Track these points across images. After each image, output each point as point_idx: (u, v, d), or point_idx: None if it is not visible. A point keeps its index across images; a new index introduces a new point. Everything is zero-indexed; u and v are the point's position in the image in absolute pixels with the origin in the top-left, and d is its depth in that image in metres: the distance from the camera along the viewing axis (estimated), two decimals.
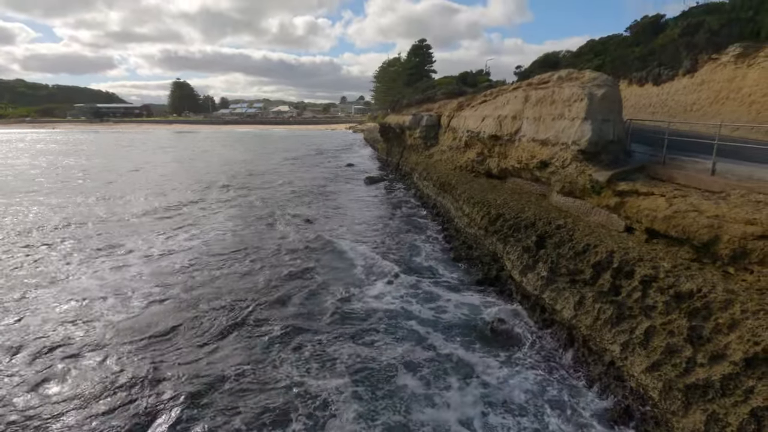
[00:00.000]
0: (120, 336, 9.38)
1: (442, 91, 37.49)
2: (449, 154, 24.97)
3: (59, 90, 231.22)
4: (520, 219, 12.96)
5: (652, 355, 6.70)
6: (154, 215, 20.46)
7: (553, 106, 13.96)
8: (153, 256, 14.51)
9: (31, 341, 9.13)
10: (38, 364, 8.36)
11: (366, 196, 26.17)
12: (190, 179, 32.24)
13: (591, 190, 11.49)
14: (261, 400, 7.36)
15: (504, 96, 18.69)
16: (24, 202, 23.09)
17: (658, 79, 24.80)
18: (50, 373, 8.09)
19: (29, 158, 47.48)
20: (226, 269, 13.43)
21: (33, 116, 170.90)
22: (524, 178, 16.20)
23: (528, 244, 11.38)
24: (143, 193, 26.00)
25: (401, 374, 8.22)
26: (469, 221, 16.08)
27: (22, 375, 8.00)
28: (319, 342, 9.31)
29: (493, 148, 18.42)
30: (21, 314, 10.32)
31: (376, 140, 53.12)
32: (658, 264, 8.07)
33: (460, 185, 19.20)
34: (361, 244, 16.20)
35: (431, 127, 29.39)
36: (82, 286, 12.04)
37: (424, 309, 10.95)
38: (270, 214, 21.05)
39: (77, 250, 15.07)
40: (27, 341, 9.13)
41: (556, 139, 13.34)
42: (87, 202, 23.58)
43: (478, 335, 9.66)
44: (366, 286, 12.34)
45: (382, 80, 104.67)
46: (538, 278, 10.22)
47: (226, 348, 9.00)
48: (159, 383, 7.75)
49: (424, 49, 71.89)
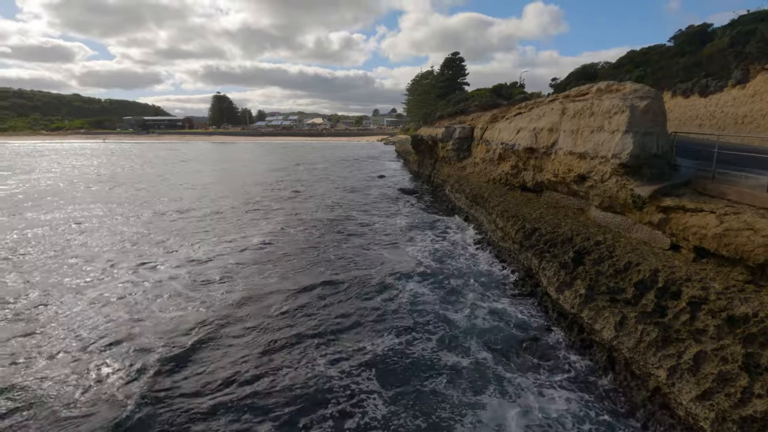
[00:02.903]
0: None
1: (475, 103, 37.22)
2: (482, 166, 24.68)
3: (111, 104, 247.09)
4: (556, 234, 12.58)
5: (703, 383, 6.27)
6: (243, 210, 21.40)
7: (592, 119, 13.58)
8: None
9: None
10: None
11: (402, 210, 26.18)
12: (259, 185, 33.48)
13: (632, 205, 11.02)
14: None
15: (540, 108, 18.36)
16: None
17: (705, 90, 23.67)
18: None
19: (104, 167, 50.64)
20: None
21: (87, 128, 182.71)
22: (560, 192, 15.75)
23: (565, 260, 11.01)
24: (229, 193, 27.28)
25: (434, 377, 8.19)
26: (502, 235, 15.76)
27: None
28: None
29: (528, 161, 18.07)
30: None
31: (408, 152, 53.27)
32: (708, 285, 7.60)
33: (494, 198, 18.89)
34: (393, 246, 16.23)
35: (464, 139, 29.20)
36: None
37: (458, 315, 10.84)
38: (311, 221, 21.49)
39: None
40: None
41: (594, 153, 12.93)
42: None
43: (513, 351, 9.39)
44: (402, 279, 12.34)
45: (414, 93, 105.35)
46: (575, 296, 9.83)
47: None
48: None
49: (457, 62, 71.89)
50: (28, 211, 23.89)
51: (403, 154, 60.68)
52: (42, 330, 10.17)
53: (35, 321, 10.63)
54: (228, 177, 42.52)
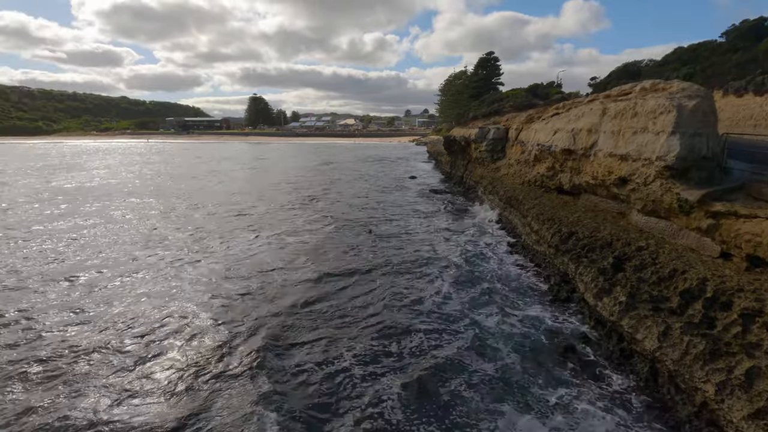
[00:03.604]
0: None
1: (510, 103, 36.47)
2: (517, 168, 24.16)
3: (155, 105, 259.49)
4: (594, 238, 12.14)
5: (757, 401, 5.88)
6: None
7: (635, 119, 13.01)
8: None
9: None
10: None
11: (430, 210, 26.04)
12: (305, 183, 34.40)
13: (678, 209, 10.47)
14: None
15: (578, 108, 17.77)
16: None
17: (761, 88, 22.13)
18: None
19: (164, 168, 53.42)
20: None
21: (132, 129, 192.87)
22: (599, 195, 15.19)
23: (604, 265, 10.60)
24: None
25: (456, 381, 8.08)
26: (537, 238, 15.37)
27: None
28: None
29: (566, 163, 17.53)
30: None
31: (440, 153, 52.87)
32: (763, 296, 7.12)
33: (528, 200, 18.45)
34: (423, 247, 16.13)
35: (498, 140, 28.67)
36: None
37: (489, 320, 10.67)
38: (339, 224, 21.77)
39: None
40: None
41: (637, 154, 12.38)
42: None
43: (546, 358, 9.14)
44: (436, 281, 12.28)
45: (447, 93, 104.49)
46: (615, 303, 9.45)
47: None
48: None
49: (491, 61, 70.69)
50: (130, 196, 25.50)
51: (435, 155, 60.25)
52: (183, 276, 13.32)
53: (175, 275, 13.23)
54: (264, 176, 43.62)
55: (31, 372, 8.51)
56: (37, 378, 8.33)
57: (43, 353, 9.16)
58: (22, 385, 8.11)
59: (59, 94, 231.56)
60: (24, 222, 21.34)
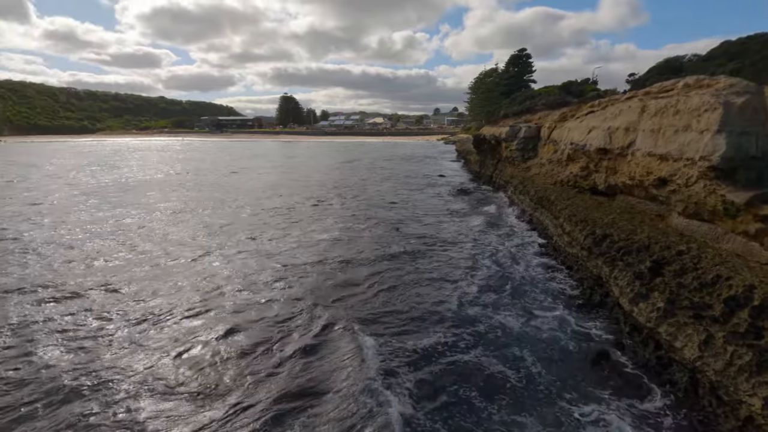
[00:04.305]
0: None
1: (542, 101, 35.55)
2: (548, 167, 23.57)
3: (190, 105, 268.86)
4: (631, 241, 11.67)
5: None
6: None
7: (676, 117, 12.42)
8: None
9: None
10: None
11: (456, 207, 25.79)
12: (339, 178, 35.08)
13: (724, 212, 9.93)
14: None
15: (615, 106, 17.14)
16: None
17: None
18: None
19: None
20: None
21: (169, 128, 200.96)
22: (637, 196, 14.60)
23: (641, 269, 10.18)
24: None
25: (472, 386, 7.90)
26: (569, 240, 14.94)
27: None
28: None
29: (601, 163, 16.95)
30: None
31: (469, 152, 52.23)
32: None
33: (561, 201, 17.95)
34: (450, 245, 16.00)
35: (530, 139, 28.06)
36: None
37: (514, 322, 10.47)
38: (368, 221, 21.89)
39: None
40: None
41: (679, 154, 11.82)
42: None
43: (578, 365, 8.87)
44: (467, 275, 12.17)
45: (477, 91, 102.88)
46: (652, 309, 9.07)
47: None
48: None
49: (523, 58, 69.07)
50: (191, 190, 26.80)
51: (464, 154, 59.56)
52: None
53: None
54: (294, 173, 44.39)
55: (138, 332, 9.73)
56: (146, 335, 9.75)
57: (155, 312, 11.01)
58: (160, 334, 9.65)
59: (103, 94, 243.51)
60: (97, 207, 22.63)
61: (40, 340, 9.47)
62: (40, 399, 7.51)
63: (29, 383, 7.93)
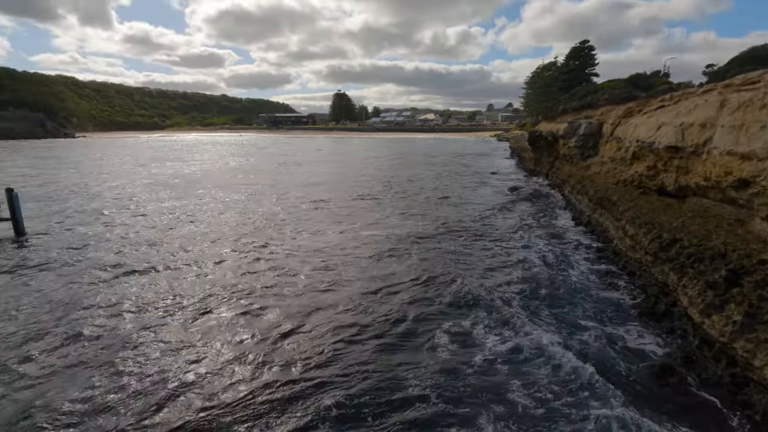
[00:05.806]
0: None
1: (605, 96, 33.47)
2: (610, 166, 22.20)
3: (249, 102, 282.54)
4: (703, 247, 10.71)
5: None
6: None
7: (763, 112, 11.19)
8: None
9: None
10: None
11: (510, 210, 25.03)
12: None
13: None
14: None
15: (690, 100, 15.77)
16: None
17: None
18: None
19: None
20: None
21: (230, 124, 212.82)
22: (712, 199, 13.36)
23: (715, 278, 9.32)
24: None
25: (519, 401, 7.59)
26: (632, 244, 14.00)
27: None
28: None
29: (671, 162, 15.68)
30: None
31: (523, 149, 50.48)
32: None
33: (623, 202, 16.84)
34: (501, 246, 15.56)
35: (590, 135, 26.55)
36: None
37: (569, 330, 9.95)
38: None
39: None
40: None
41: (765, 153, 10.65)
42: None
43: (636, 380, 8.30)
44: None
45: (534, 86, 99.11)
46: (727, 322, 8.27)
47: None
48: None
49: (585, 50, 65.44)
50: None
51: (518, 151, 57.62)
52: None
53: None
54: (348, 169, 45.28)
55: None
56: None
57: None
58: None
59: (172, 93, 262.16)
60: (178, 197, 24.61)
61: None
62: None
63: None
